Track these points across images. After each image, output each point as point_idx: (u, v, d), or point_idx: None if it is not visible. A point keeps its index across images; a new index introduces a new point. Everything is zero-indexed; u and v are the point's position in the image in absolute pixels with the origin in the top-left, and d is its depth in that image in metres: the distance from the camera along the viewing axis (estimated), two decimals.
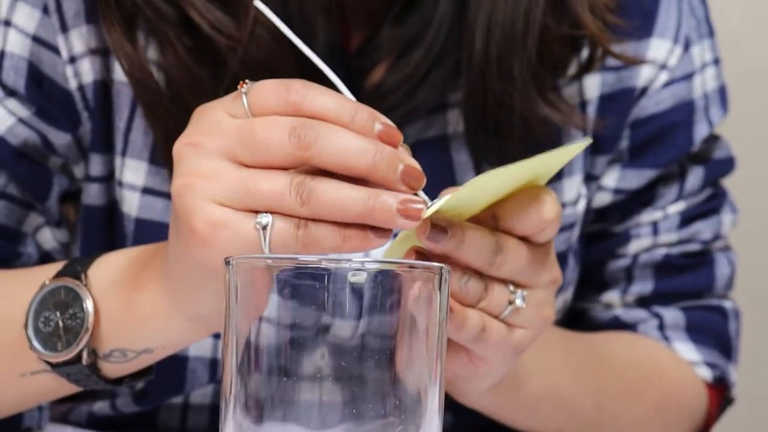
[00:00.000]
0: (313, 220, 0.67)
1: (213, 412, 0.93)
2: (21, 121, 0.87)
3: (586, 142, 0.71)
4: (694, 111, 0.97)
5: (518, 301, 0.74)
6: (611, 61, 0.93)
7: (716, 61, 0.99)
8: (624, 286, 0.99)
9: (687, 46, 0.97)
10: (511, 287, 0.74)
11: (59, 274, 0.79)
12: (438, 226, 0.70)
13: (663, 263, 0.98)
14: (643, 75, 0.96)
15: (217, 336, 0.89)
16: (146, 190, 0.89)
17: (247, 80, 0.70)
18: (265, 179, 0.67)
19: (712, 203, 1.00)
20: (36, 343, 0.78)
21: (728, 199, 1.01)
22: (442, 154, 0.92)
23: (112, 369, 0.79)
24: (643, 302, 0.99)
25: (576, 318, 1.01)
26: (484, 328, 0.73)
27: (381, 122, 0.68)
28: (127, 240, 0.90)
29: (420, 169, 0.68)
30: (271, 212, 0.67)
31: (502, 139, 0.90)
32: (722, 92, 1.00)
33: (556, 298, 0.79)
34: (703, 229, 0.99)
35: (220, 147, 0.69)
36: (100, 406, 0.94)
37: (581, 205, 0.95)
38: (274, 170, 0.68)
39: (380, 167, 0.67)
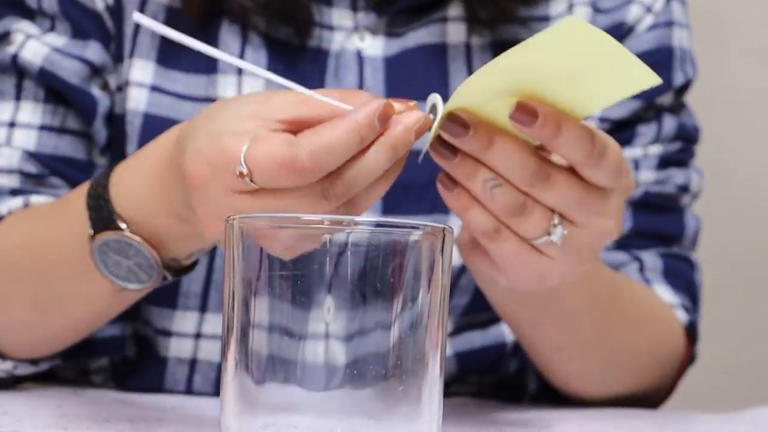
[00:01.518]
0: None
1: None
2: (59, 51, 0.92)
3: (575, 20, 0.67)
4: (672, 57, 1.01)
5: (555, 237, 0.73)
6: (603, 4, 0.98)
7: (689, 28, 1.03)
8: None
9: None
10: (556, 219, 0.73)
11: (96, 223, 0.79)
12: (457, 119, 0.70)
13: (641, 201, 1.00)
14: (632, 12, 1.00)
15: (197, 336, 0.94)
16: (154, 88, 0.92)
17: (243, 173, 0.69)
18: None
19: (684, 155, 1.02)
20: (122, 284, 0.80)
21: (695, 164, 1.04)
22: (439, 61, 0.95)
23: (188, 262, 0.81)
24: (622, 243, 1.00)
25: None
26: (496, 230, 0.72)
27: (374, 111, 0.69)
28: (132, 137, 0.92)
29: (417, 110, 0.70)
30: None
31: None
32: (692, 57, 1.03)
33: None
34: (676, 174, 1.01)
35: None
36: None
37: None
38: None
39: (401, 153, 0.70)
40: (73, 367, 0.98)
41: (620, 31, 0.99)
